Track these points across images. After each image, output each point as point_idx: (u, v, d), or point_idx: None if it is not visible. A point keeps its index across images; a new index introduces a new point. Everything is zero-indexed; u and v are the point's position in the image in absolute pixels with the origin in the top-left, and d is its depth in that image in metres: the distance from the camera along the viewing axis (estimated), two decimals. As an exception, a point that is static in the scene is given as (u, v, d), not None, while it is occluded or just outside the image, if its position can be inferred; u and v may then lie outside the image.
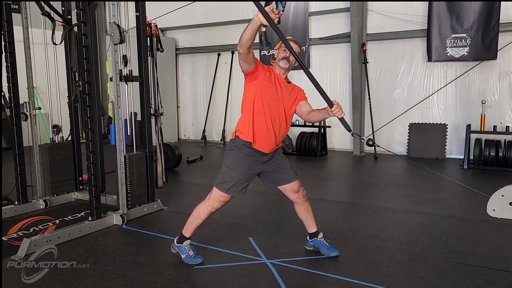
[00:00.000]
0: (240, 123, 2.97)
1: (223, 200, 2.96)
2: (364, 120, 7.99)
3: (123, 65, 3.98)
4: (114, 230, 3.83)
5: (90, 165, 3.77)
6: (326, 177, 6.35)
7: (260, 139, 2.89)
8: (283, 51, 2.94)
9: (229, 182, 2.90)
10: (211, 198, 2.98)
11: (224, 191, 2.92)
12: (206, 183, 5.82)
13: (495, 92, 6.97)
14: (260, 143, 2.90)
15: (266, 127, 2.88)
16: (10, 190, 4.47)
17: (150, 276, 2.86)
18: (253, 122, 2.88)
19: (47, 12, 4.20)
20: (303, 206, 3.17)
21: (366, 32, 7.80)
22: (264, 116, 2.87)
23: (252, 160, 2.93)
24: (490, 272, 2.89)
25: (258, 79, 2.85)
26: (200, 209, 3.02)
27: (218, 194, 2.95)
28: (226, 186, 2.91)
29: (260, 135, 2.89)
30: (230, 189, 2.91)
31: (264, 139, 2.90)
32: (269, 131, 2.89)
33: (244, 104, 2.94)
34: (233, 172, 2.91)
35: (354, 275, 2.86)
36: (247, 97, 2.91)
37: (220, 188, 2.93)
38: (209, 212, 2.99)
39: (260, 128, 2.88)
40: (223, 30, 9.44)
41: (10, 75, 4.17)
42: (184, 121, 10.46)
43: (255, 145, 2.89)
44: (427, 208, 4.46)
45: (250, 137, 2.88)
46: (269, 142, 2.92)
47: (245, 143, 2.90)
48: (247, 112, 2.90)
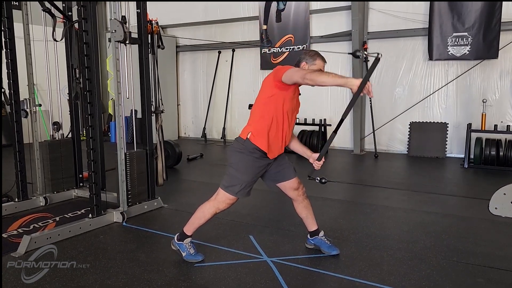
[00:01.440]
0: (255, 127, 2.86)
1: (230, 202, 2.96)
2: (364, 118, 7.99)
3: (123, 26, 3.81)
4: (114, 227, 3.82)
5: (91, 162, 3.77)
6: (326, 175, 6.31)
7: (273, 147, 2.90)
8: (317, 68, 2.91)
9: (239, 185, 2.89)
10: (217, 200, 2.96)
11: (233, 194, 2.91)
12: (206, 181, 5.82)
13: (496, 91, 6.96)
14: (272, 151, 2.91)
15: (281, 135, 2.89)
16: (10, 187, 4.46)
17: (150, 274, 2.86)
18: (270, 131, 2.85)
19: (48, 9, 4.19)
20: (302, 203, 3.16)
21: (367, 31, 7.79)
22: (282, 125, 2.87)
23: (261, 163, 2.92)
24: (491, 271, 2.89)
25: (289, 91, 2.81)
26: (204, 209, 3.00)
27: (225, 197, 2.93)
28: (236, 190, 2.89)
29: (274, 144, 2.89)
30: (239, 192, 2.90)
31: (277, 147, 2.92)
32: (282, 138, 2.91)
33: (264, 109, 2.85)
34: (243, 175, 2.89)
35: (354, 274, 2.85)
36: (270, 102, 2.83)
37: (229, 191, 2.91)
38: (213, 213, 2.98)
39: (276, 137, 2.88)
40: (223, 28, 9.42)
41: (10, 72, 4.16)
42: (184, 118, 10.45)
43: (268, 154, 2.89)
44: (427, 206, 4.46)
45: (265, 146, 2.84)
46: (279, 149, 2.95)
47: (258, 148, 2.85)
48: (267, 119, 2.83)
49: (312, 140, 7.79)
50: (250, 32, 9.01)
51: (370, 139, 7.88)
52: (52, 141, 4.63)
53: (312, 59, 2.92)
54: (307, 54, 2.96)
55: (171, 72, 9.95)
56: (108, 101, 10.35)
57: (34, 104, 4.47)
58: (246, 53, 9.17)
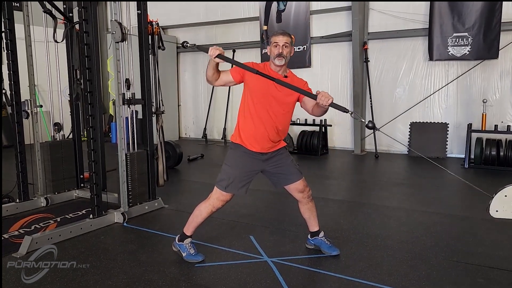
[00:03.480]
0: (236, 126, 3.02)
1: (223, 199, 2.97)
2: (365, 119, 7.97)
3: (126, 89, 4.00)
4: (115, 228, 3.83)
5: (91, 163, 3.77)
6: (327, 175, 6.35)
7: (249, 139, 2.90)
8: (274, 47, 2.85)
9: (227, 179, 2.91)
10: (212, 197, 2.99)
11: (223, 189, 2.93)
12: (207, 181, 5.82)
13: (496, 91, 6.96)
14: (250, 143, 2.90)
15: (254, 127, 2.88)
16: (11, 188, 4.47)
17: (151, 274, 2.87)
18: (239, 124, 2.94)
19: (49, 10, 4.19)
20: (307, 205, 3.16)
21: (367, 31, 7.79)
22: (251, 116, 2.87)
23: (249, 157, 2.93)
24: (491, 271, 2.89)
25: (247, 83, 2.89)
26: (201, 208, 3.02)
27: (218, 193, 2.96)
28: (224, 184, 2.92)
29: (248, 136, 2.90)
30: (228, 187, 2.91)
31: (255, 139, 2.89)
32: (258, 130, 2.87)
33: (240, 107, 2.99)
34: (230, 169, 2.93)
35: (355, 274, 2.86)
36: (241, 100, 2.96)
37: (219, 186, 2.95)
38: (210, 211, 3.00)
39: (247, 129, 2.90)
40: (224, 29, 9.43)
41: (11, 73, 4.17)
42: (185, 119, 10.46)
43: (245, 146, 2.91)
44: (428, 206, 4.46)
45: (238, 138, 2.93)
46: (261, 141, 2.90)
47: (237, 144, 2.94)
48: (238, 115, 2.98)
49: (312, 141, 7.79)
50: (251, 32, 9.01)
51: (371, 140, 7.89)
52: (53, 142, 4.64)
53: (270, 39, 2.92)
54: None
55: (171, 73, 9.96)
56: (109, 102, 10.36)
57: (35, 105, 4.48)
58: (247, 53, 9.18)
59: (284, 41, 2.83)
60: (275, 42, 2.85)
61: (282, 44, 2.82)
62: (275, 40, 2.86)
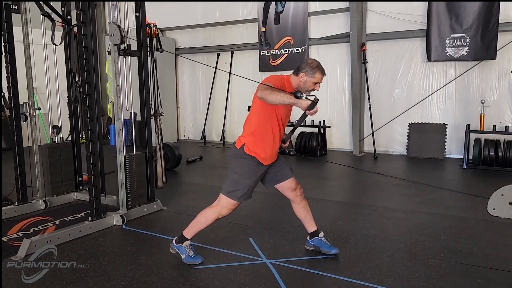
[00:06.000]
0: (249, 140, 2.89)
1: (232, 207, 2.98)
2: (363, 120, 8.00)
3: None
4: (114, 230, 3.83)
5: (90, 166, 3.77)
6: (325, 177, 6.36)
7: (268, 154, 2.92)
8: (313, 83, 2.90)
9: (242, 190, 2.91)
10: (220, 205, 2.97)
11: (236, 199, 2.93)
12: (205, 183, 5.83)
13: (495, 92, 6.98)
14: (266, 159, 2.93)
15: (274, 142, 2.92)
16: (10, 191, 4.46)
17: (150, 276, 2.87)
18: (258, 136, 2.88)
19: (47, 13, 4.19)
20: (301, 204, 3.18)
21: (365, 32, 7.80)
22: (278, 133, 2.92)
23: (261, 168, 2.95)
24: (490, 272, 2.89)
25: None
26: (206, 215, 3.00)
27: (227, 202, 2.95)
28: (238, 194, 2.92)
29: (269, 153, 2.92)
30: (242, 197, 2.93)
31: (272, 153, 2.95)
32: (275, 145, 2.95)
33: (259, 120, 2.89)
34: (245, 180, 2.92)
35: (354, 275, 2.86)
36: (264, 114, 2.88)
37: (231, 196, 2.93)
38: (215, 218, 2.99)
39: (272, 146, 2.92)
40: (222, 30, 9.44)
41: (10, 76, 4.17)
42: (183, 121, 10.46)
43: (264, 163, 2.92)
44: (426, 207, 4.46)
45: (252, 151, 2.87)
46: (274, 156, 2.99)
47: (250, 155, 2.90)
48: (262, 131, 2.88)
49: (311, 142, 7.80)
50: (249, 34, 9.03)
51: (369, 141, 7.90)
52: (52, 144, 4.63)
53: (312, 71, 2.89)
54: (308, 65, 2.91)
55: (170, 75, 9.97)
56: (107, 104, 10.36)
57: (33, 108, 4.48)
58: (245, 55, 9.19)
59: (321, 79, 2.93)
60: (317, 82, 2.90)
61: None
62: (319, 79, 2.91)
